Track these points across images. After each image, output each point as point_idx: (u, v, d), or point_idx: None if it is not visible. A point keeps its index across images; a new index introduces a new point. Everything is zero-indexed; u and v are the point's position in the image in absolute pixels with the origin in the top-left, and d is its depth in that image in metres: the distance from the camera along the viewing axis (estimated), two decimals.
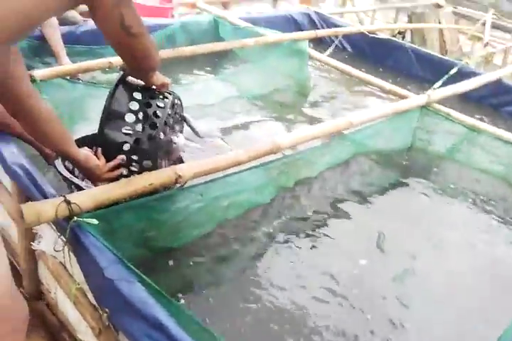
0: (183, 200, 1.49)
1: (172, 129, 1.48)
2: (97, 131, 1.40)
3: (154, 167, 1.41)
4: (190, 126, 1.59)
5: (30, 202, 1.17)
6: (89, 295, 1.25)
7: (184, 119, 1.58)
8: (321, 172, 2.10)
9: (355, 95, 3.16)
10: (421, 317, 1.51)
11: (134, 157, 1.43)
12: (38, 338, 1.50)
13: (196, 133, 1.60)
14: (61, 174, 1.46)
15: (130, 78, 1.41)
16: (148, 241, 1.45)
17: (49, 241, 1.39)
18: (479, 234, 1.98)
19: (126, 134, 1.42)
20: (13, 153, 1.40)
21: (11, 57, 1.02)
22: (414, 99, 2.40)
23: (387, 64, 3.67)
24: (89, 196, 1.24)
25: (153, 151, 1.39)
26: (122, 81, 1.40)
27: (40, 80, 1.80)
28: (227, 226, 1.71)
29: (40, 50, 2.40)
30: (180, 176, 1.41)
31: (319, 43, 3.69)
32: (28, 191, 1.30)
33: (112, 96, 1.37)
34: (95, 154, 1.40)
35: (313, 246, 1.76)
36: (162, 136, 1.40)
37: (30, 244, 1.46)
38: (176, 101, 1.48)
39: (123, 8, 1.03)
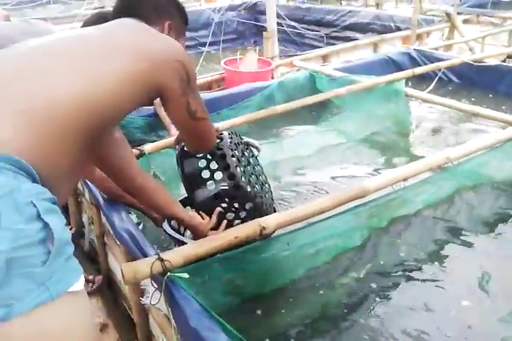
0: (269, 250, 1.56)
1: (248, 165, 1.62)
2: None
3: (258, 206, 1.53)
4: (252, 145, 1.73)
5: (129, 262, 1.35)
6: None
7: (247, 143, 1.70)
8: (419, 211, 2.02)
9: (461, 129, 3.00)
10: None
11: (235, 204, 1.56)
12: None
13: (257, 147, 1.74)
14: (168, 234, 1.64)
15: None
16: (236, 289, 1.53)
17: (153, 296, 1.55)
18: None
19: (210, 187, 1.57)
20: (122, 219, 1.61)
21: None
22: None
23: (499, 91, 3.44)
24: (180, 253, 1.37)
25: (245, 192, 1.50)
26: (183, 151, 1.57)
27: (149, 153, 2.08)
28: (317, 272, 1.72)
29: (155, 126, 2.75)
30: (264, 228, 1.49)
31: (423, 80, 3.62)
32: (132, 253, 1.49)
33: (181, 163, 1.55)
34: (199, 214, 1.56)
35: (409, 289, 1.68)
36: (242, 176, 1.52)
37: (140, 299, 1.63)
38: (229, 139, 1.59)
39: (189, 97, 1.19)
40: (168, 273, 1.32)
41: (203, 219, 1.54)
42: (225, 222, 1.56)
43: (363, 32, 6.53)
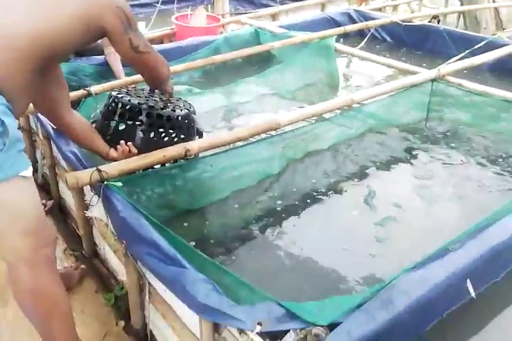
0: (194, 169, 1.89)
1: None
2: None
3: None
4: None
5: (72, 172, 1.66)
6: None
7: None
8: (332, 146, 2.38)
9: (382, 81, 3.36)
10: None
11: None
12: (93, 284, 1.95)
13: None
14: None
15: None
16: (168, 203, 1.86)
17: (95, 208, 1.87)
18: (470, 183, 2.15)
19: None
20: (68, 144, 1.90)
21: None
22: (424, 74, 2.59)
23: (424, 49, 3.81)
24: (115, 166, 1.69)
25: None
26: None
27: (95, 93, 2.35)
28: (240, 193, 2.06)
29: (105, 73, 2.98)
30: (188, 150, 1.82)
31: (361, 39, 3.93)
32: (75, 167, 1.79)
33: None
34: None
35: (314, 208, 2.04)
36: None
37: (84, 212, 1.95)
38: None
39: (130, 35, 1.48)
40: (105, 182, 1.64)
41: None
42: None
43: None
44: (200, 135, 2.03)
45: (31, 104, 1.62)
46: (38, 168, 2.55)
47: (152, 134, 1.81)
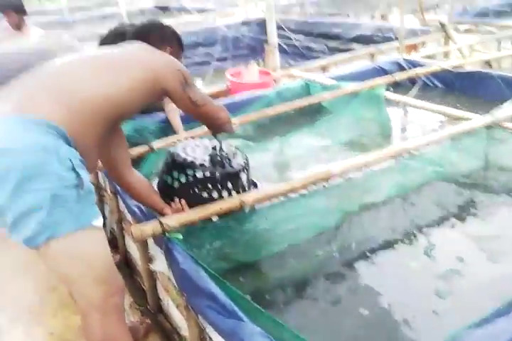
0: (250, 222, 1.95)
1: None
2: None
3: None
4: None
5: (137, 224, 1.76)
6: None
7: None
8: (387, 197, 2.36)
9: (436, 129, 3.34)
10: None
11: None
12: (157, 340, 2.00)
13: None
14: None
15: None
16: (224, 255, 1.91)
17: (158, 261, 1.95)
18: None
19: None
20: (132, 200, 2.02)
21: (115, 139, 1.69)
22: (478, 120, 2.56)
23: (478, 95, 3.78)
24: (175, 218, 1.78)
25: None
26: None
27: (157, 149, 2.50)
28: (296, 246, 2.07)
29: (166, 130, 3.17)
30: (243, 202, 1.89)
31: (412, 86, 3.98)
32: (140, 221, 1.89)
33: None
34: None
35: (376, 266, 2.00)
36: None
37: (148, 265, 2.03)
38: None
39: (188, 92, 1.63)
40: (166, 234, 1.73)
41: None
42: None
43: (367, 43, 6.88)
44: (255, 186, 2.10)
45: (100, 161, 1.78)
46: (107, 223, 2.70)
47: (206, 191, 1.88)
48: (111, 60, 1.52)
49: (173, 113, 3.18)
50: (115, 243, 2.59)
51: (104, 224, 2.65)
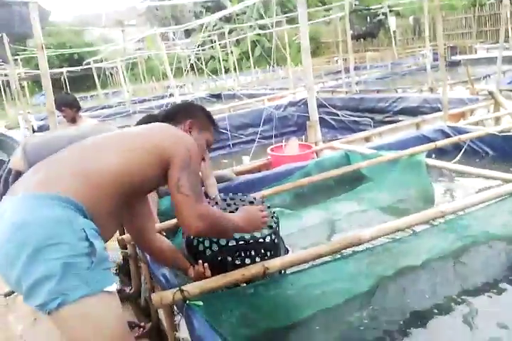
0: (274, 288, 1.88)
1: None
2: None
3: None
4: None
5: (158, 292, 1.75)
6: None
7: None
8: (426, 262, 2.22)
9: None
10: None
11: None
12: None
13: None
14: None
15: None
16: (247, 322, 1.83)
17: (184, 328, 1.90)
18: None
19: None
20: (159, 268, 2.04)
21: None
22: None
23: None
24: (196, 286, 1.76)
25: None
26: None
27: None
28: (325, 313, 1.97)
29: None
30: (267, 268, 1.85)
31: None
32: (165, 289, 1.89)
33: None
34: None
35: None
36: None
37: (174, 333, 1.98)
38: None
39: (181, 174, 1.53)
40: (187, 301, 1.70)
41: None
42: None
43: (414, 115, 6.93)
44: (287, 252, 2.07)
45: None
46: (142, 292, 2.70)
47: (238, 258, 1.92)
48: (127, 139, 1.60)
49: (213, 188, 3.27)
50: (148, 311, 2.56)
51: (140, 293, 2.67)
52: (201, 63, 18.11)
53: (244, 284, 1.88)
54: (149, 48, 21.98)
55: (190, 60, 16.46)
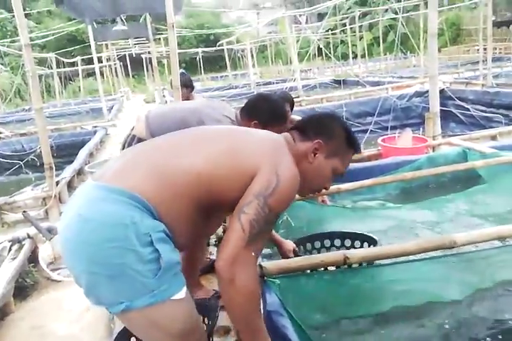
0: (353, 278, 1.87)
1: None
2: None
3: None
4: None
5: None
6: None
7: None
8: None
9: None
10: None
11: None
12: None
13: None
14: None
15: None
16: (320, 307, 1.85)
17: None
18: None
19: None
20: None
21: None
22: None
23: None
24: (275, 264, 1.82)
25: None
26: None
27: None
28: (404, 311, 1.91)
29: None
30: (348, 258, 1.85)
31: None
32: None
33: None
34: None
35: None
36: None
37: None
38: None
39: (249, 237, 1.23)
40: (265, 278, 1.78)
41: None
42: None
43: None
44: (374, 244, 2.06)
45: None
46: None
47: None
48: (225, 142, 1.38)
49: None
50: None
51: None
52: (330, 48, 17.90)
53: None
54: (281, 31, 22.21)
55: (318, 44, 16.39)
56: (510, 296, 2.02)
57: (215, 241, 3.15)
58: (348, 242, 2.32)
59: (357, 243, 2.29)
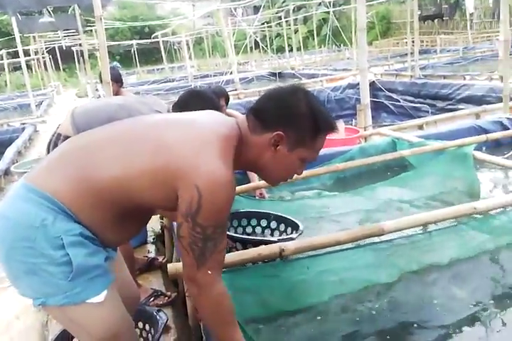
0: (289, 270, 1.91)
1: None
2: None
3: None
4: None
5: (174, 263, 1.83)
6: None
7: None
8: (454, 260, 2.15)
9: None
10: None
11: None
12: None
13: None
14: None
15: None
16: (258, 302, 1.88)
17: None
18: None
19: None
20: None
21: None
22: None
23: None
24: None
25: None
26: None
27: None
28: (341, 299, 1.97)
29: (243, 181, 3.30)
30: (283, 250, 1.88)
31: None
32: None
33: None
34: None
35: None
36: None
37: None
38: None
39: (183, 224, 1.16)
40: None
41: None
42: None
43: (478, 104, 6.57)
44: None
45: None
46: (173, 262, 2.82)
47: None
48: (151, 146, 1.22)
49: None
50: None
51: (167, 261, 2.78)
52: (266, 40, 18.01)
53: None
54: (218, 24, 22.08)
55: (256, 36, 16.42)
56: (437, 277, 2.13)
57: (153, 239, 3.12)
58: (282, 227, 2.45)
59: (282, 226, 2.45)
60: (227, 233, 1.86)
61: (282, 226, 2.46)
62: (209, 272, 1.20)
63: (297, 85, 1.34)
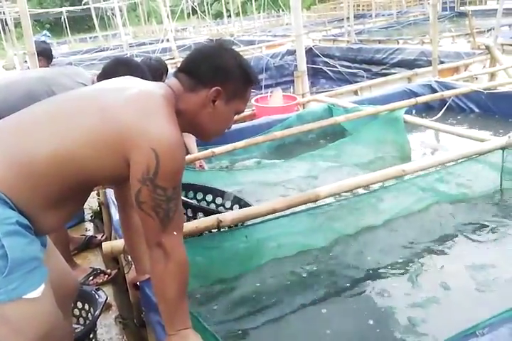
0: (228, 240, 1.93)
1: None
2: None
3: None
4: None
5: (109, 241, 1.80)
6: None
7: None
8: (388, 220, 2.26)
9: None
10: None
11: None
12: None
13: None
14: None
15: None
16: (202, 273, 1.90)
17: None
18: None
19: None
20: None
21: None
22: (492, 142, 2.42)
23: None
24: None
25: None
26: None
27: None
28: (279, 263, 2.03)
29: None
30: (221, 221, 1.89)
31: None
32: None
33: None
34: None
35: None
36: None
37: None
38: None
39: (143, 188, 1.14)
40: None
41: None
42: None
43: (410, 68, 6.73)
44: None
45: None
46: (112, 238, 2.78)
47: None
48: (83, 112, 1.21)
49: (190, 138, 3.25)
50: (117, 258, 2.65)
51: (107, 239, 2.74)
52: (204, 6, 17.46)
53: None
54: None
55: (193, 2, 15.83)
56: (367, 239, 2.22)
57: (91, 217, 3.05)
58: (219, 200, 2.47)
59: (218, 199, 2.48)
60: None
61: (228, 204, 2.45)
62: (174, 233, 1.20)
63: (221, 42, 1.38)
